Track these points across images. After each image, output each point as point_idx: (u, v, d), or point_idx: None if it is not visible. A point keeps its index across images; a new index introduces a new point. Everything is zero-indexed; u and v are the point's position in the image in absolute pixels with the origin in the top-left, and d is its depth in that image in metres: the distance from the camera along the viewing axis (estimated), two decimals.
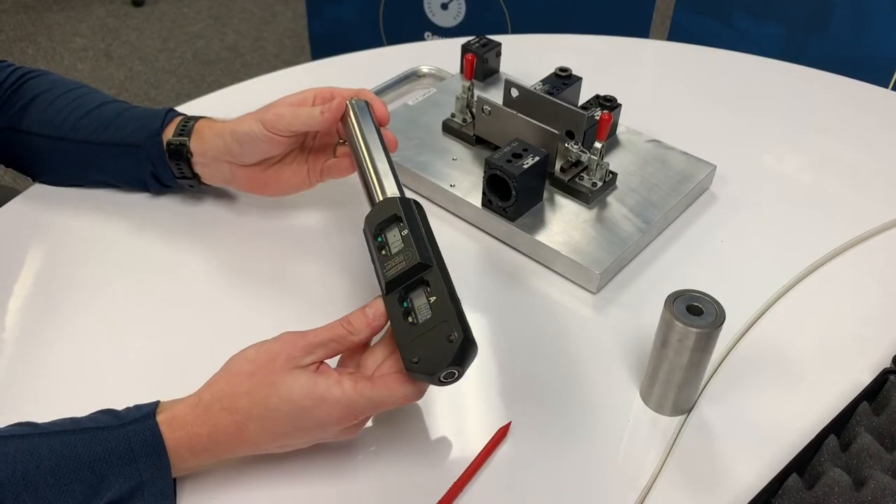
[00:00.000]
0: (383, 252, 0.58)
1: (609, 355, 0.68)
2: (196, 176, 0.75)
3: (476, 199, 0.78)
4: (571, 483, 0.59)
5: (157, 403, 0.54)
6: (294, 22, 2.73)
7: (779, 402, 0.64)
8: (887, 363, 0.67)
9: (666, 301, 0.59)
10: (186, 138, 0.73)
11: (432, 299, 0.54)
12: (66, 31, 2.63)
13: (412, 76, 0.99)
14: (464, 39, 1.03)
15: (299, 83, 0.97)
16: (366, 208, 0.64)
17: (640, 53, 1.12)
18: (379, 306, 0.56)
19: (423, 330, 0.53)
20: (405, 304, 0.55)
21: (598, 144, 0.77)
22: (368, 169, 0.66)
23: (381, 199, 0.63)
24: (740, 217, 0.83)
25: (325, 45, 1.95)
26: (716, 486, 0.58)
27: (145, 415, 0.53)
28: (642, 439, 0.62)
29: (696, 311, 0.58)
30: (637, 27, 1.71)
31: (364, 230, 0.62)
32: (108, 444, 0.51)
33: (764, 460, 0.60)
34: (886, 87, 1.47)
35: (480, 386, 0.65)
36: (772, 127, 0.96)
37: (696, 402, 0.64)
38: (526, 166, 0.73)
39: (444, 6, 1.81)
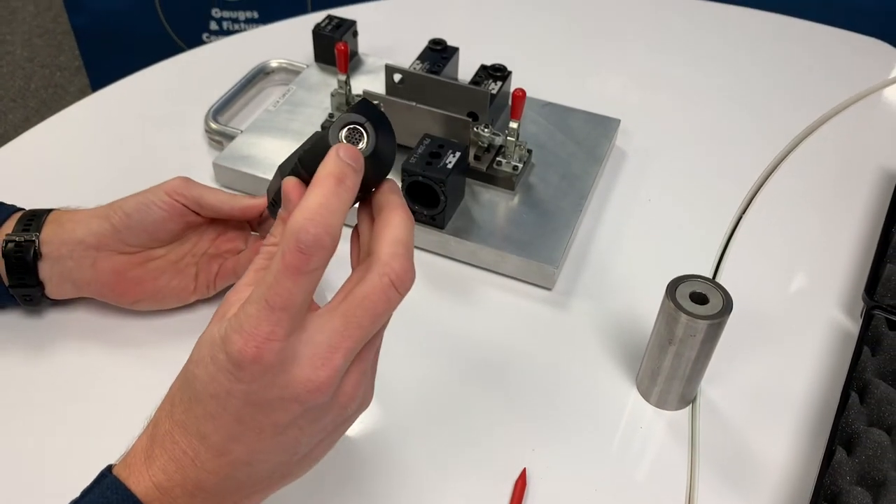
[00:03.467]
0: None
1: (589, 355, 0.62)
2: (39, 284, 0.58)
3: None
4: None
5: (109, 467, 0.41)
6: (39, 17, 2.37)
7: (773, 362, 0.62)
8: (852, 294, 0.67)
9: (666, 291, 0.53)
10: (35, 233, 0.56)
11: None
12: None
13: (259, 74, 0.85)
14: (291, 20, 0.93)
15: (115, 110, 0.81)
16: None
17: (470, 6, 1.04)
18: (288, 188, 0.41)
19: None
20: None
21: (513, 124, 0.69)
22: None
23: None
24: (657, 169, 0.79)
25: (94, 39, 1.69)
26: (755, 471, 0.55)
27: (99, 477, 0.40)
28: (660, 443, 0.57)
29: (700, 299, 0.53)
30: None
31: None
32: None
33: (790, 429, 0.57)
34: None
35: (471, 430, 0.57)
36: (635, 60, 0.93)
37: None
38: (450, 166, 0.64)
39: None
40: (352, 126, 0.40)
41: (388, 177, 0.42)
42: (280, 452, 0.39)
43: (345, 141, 0.39)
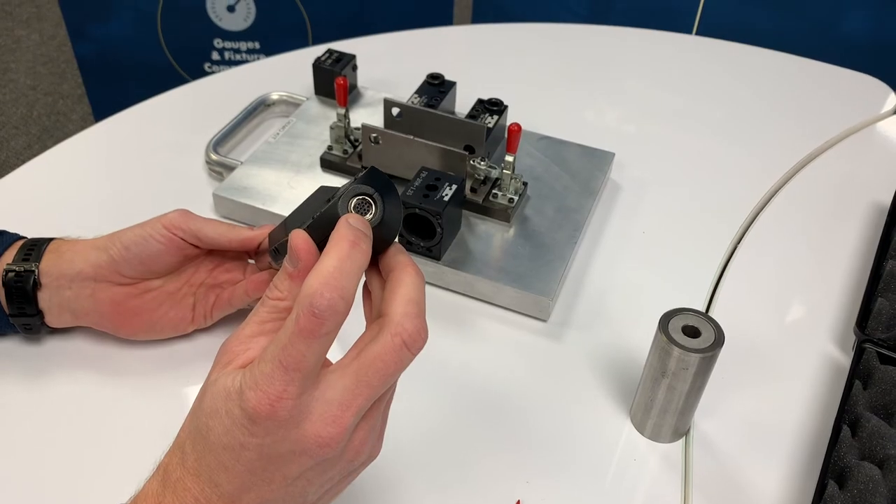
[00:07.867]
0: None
1: (583, 387, 0.63)
2: (39, 313, 0.58)
3: None
4: None
5: None
6: (44, 46, 2.40)
7: (766, 395, 0.62)
8: (844, 327, 0.67)
9: (659, 325, 0.54)
10: (35, 263, 0.57)
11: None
12: None
13: (260, 106, 0.86)
14: (292, 53, 0.93)
15: (116, 140, 0.82)
16: None
17: (468, 41, 1.06)
18: (296, 244, 0.40)
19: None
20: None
21: (509, 157, 0.70)
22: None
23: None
24: (651, 202, 0.80)
25: (97, 67, 1.71)
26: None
27: None
28: (654, 476, 0.57)
29: (692, 333, 0.54)
30: (439, 16, 1.65)
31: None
32: None
33: (783, 462, 0.57)
34: (690, 32, 1.53)
35: (465, 462, 0.57)
36: (630, 94, 0.95)
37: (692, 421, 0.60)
38: (447, 198, 0.65)
39: (231, 8, 1.65)
40: (360, 197, 0.41)
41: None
42: (288, 501, 0.40)
43: (353, 211, 0.41)
